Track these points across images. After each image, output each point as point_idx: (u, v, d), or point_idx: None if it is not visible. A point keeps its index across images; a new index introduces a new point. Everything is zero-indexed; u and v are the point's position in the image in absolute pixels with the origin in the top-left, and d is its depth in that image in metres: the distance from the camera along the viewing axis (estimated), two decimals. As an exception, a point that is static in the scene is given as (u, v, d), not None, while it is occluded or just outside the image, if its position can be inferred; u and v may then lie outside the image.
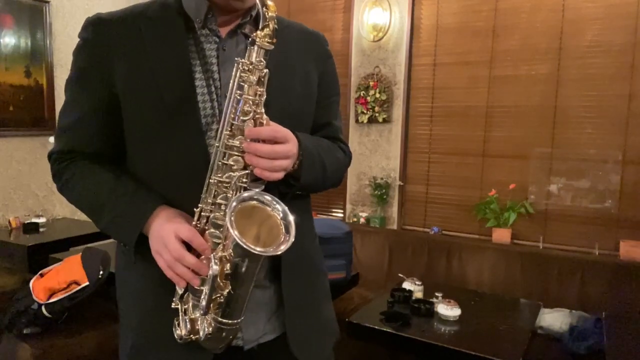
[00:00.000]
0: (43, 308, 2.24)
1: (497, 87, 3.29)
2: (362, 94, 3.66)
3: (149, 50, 0.91)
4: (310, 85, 1.04)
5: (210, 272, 0.80)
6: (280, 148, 0.84)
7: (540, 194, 3.20)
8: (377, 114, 3.62)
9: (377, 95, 3.59)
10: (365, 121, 3.68)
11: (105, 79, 0.92)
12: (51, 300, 2.25)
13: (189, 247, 0.83)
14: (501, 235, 3.22)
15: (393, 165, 3.68)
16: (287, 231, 0.82)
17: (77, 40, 0.97)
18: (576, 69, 3.04)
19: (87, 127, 0.96)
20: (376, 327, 2.20)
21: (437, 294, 2.39)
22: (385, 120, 3.63)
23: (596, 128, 3.01)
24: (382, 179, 3.69)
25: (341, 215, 3.97)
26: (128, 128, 0.94)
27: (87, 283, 2.29)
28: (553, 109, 3.12)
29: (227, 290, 0.82)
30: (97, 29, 0.93)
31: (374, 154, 3.74)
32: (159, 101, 0.90)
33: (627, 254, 2.87)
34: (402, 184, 3.67)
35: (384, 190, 3.65)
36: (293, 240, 0.80)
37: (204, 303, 0.83)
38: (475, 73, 3.36)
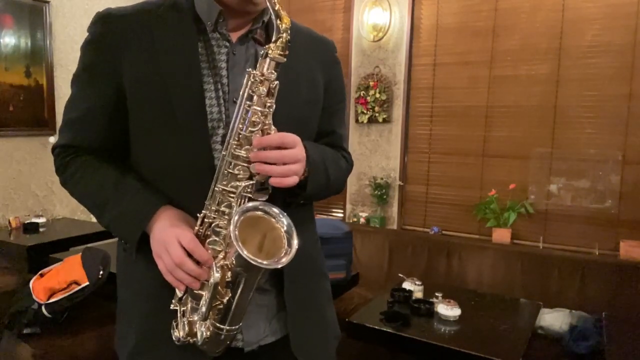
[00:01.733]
0: (43, 308, 2.24)
1: (497, 87, 3.29)
2: (362, 94, 3.67)
3: (159, 49, 0.90)
4: (316, 92, 1.03)
5: (212, 279, 0.81)
6: (289, 152, 0.84)
7: (540, 194, 3.20)
8: (377, 114, 3.62)
9: (377, 95, 3.59)
10: (365, 121, 3.68)
11: (113, 74, 0.91)
12: (51, 300, 2.25)
13: (191, 256, 0.83)
14: (501, 235, 3.22)
15: (393, 165, 3.68)
16: (290, 244, 0.82)
17: (77, 40, 0.97)
18: (576, 69, 3.04)
19: (93, 122, 0.95)
20: (376, 327, 2.20)
21: (437, 294, 2.39)
22: (385, 120, 3.63)
23: (596, 128, 3.01)
24: (382, 179, 3.69)
25: (341, 215, 3.97)
26: (133, 126, 0.93)
27: (87, 283, 2.29)
28: (553, 109, 3.12)
29: (227, 298, 0.82)
30: (106, 24, 0.92)
31: (374, 154, 3.75)
32: (166, 102, 0.89)
33: (627, 254, 2.87)
34: (402, 184, 3.67)
35: (384, 190, 3.65)
36: (294, 254, 0.81)
37: (203, 309, 0.83)
38: (475, 73, 3.36)
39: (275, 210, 0.85)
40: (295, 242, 0.82)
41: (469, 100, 3.39)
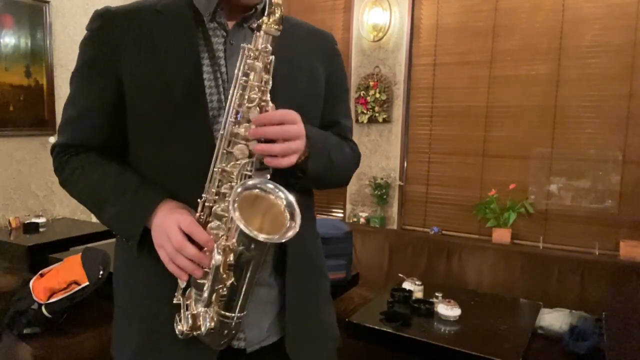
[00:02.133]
0: (43, 308, 2.24)
1: (497, 87, 3.29)
2: (362, 94, 3.66)
3: (158, 43, 0.91)
4: (317, 84, 1.03)
5: (213, 262, 0.79)
6: (293, 127, 0.83)
7: (540, 194, 3.20)
8: (377, 114, 3.62)
9: (377, 95, 3.59)
10: (365, 121, 3.68)
11: (112, 71, 0.91)
12: (51, 300, 2.25)
13: (192, 240, 0.82)
14: (501, 235, 3.22)
15: (393, 165, 3.68)
16: (292, 218, 0.80)
17: (77, 40, 0.97)
18: (576, 69, 3.04)
19: (92, 119, 0.95)
20: (376, 327, 2.20)
21: (437, 294, 2.39)
22: (385, 120, 3.63)
23: (596, 128, 3.01)
24: (382, 179, 3.69)
25: (341, 215, 3.97)
26: (133, 120, 0.93)
27: (87, 283, 2.29)
28: (553, 109, 3.12)
29: (230, 282, 0.80)
30: (105, 21, 0.93)
31: (374, 154, 3.74)
32: (166, 94, 0.89)
33: (627, 254, 2.87)
34: (402, 184, 3.67)
35: (384, 190, 3.65)
36: (298, 227, 0.79)
37: (206, 295, 0.81)
38: (475, 73, 3.36)
39: (271, 185, 0.82)
40: (297, 210, 0.80)
41: (469, 100, 3.39)
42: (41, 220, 3.35)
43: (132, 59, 0.91)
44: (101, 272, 2.33)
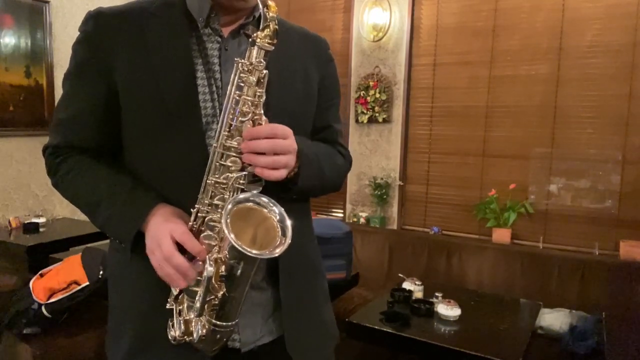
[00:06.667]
0: (43, 308, 2.24)
1: (497, 87, 3.29)
2: (362, 94, 3.67)
3: (151, 47, 0.90)
4: (311, 88, 1.03)
5: (205, 273, 0.79)
6: (281, 142, 0.83)
7: (540, 194, 3.20)
8: (377, 114, 3.62)
9: (377, 95, 3.59)
10: (365, 121, 3.68)
11: (105, 74, 0.90)
12: (51, 300, 2.25)
13: (184, 250, 0.82)
14: (501, 235, 3.22)
15: (393, 165, 3.68)
16: (284, 234, 0.81)
17: (77, 40, 0.96)
18: (576, 69, 3.04)
19: (84, 122, 0.94)
20: (376, 327, 2.20)
21: (437, 294, 2.39)
22: (385, 120, 3.63)
23: (596, 128, 3.01)
24: (382, 179, 3.69)
25: (341, 215, 3.97)
26: (126, 125, 0.93)
27: (87, 283, 2.29)
28: (553, 109, 3.12)
29: (222, 292, 0.81)
30: (98, 23, 0.92)
31: (374, 154, 3.75)
32: (159, 99, 0.89)
33: (627, 254, 2.87)
34: (402, 184, 3.67)
35: (384, 190, 3.65)
36: (289, 242, 0.79)
37: (198, 305, 0.82)
38: (475, 73, 3.36)
39: (265, 199, 0.83)
40: (289, 226, 0.81)
41: (469, 100, 3.39)
42: (41, 220, 3.34)
43: (125, 61, 0.90)
44: (101, 272, 2.33)
